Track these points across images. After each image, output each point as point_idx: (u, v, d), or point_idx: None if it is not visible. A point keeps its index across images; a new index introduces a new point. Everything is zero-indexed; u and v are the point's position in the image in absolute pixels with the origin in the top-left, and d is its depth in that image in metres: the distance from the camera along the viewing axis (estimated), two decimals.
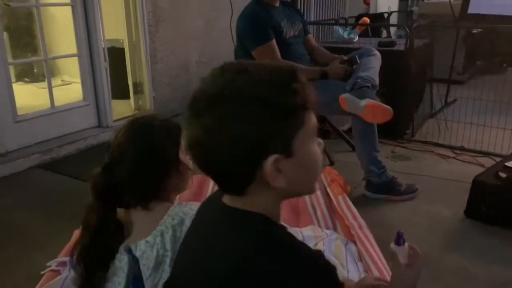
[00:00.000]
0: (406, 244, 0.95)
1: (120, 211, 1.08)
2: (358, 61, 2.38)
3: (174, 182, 1.09)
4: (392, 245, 0.95)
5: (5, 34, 4.42)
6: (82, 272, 1.04)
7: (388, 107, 2.19)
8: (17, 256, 1.92)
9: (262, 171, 0.66)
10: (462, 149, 3.10)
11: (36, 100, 3.56)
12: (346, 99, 2.23)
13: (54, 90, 4.04)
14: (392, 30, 5.72)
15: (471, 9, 3.98)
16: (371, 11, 6.51)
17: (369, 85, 2.20)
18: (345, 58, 2.47)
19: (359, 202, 2.40)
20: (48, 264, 1.78)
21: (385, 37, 4.35)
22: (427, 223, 2.20)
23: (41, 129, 2.96)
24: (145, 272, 1.01)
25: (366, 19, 3.79)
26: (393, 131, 3.35)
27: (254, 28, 2.41)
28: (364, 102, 2.18)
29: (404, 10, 6.18)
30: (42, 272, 1.74)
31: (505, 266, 1.84)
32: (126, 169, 1.05)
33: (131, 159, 1.05)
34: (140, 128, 1.11)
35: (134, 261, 0.72)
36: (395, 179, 2.43)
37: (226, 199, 0.74)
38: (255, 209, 0.70)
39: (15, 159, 2.75)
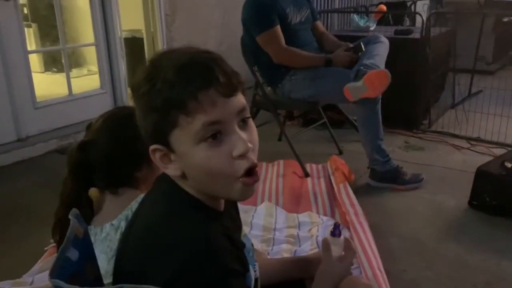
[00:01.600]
0: (342, 236, 0.95)
1: (93, 190, 1.12)
2: (363, 48, 2.35)
3: (144, 175, 1.12)
4: (328, 235, 0.95)
5: (33, 25, 4.64)
6: (57, 243, 1.10)
7: (382, 68, 2.10)
8: (28, 233, 2.02)
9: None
10: (478, 140, 3.02)
11: (60, 89, 3.69)
12: (348, 89, 2.20)
13: (79, 79, 4.17)
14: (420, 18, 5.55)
15: None
16: None
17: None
18: (351, 45, 2.45)
19: (364, 190, 2.39)
20: (52, 240, 1.88)
21: (408, 26, 4.23)
22: (429, 212, 2.17)
23: (59, 115, 3.08)
24: (108, 253, 1.04)
25: (383, 7, 3.71)
26: (408, 121, 3.28)
27: (258, 14, 2.39)
28: (361, 81, 2.14)
29: None
30: (45, 248, 1.85)
31: (502, 255, 1.80)
32: (100, 152, 1.08)
33: (106, 144, 1.09)
34: (121, 117, 1.13)
35: (80, 224, 0.77)
36: (399, 168, 2.39)
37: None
38: (190, 191, 0.73)
39: (34, 144, 2.89)
